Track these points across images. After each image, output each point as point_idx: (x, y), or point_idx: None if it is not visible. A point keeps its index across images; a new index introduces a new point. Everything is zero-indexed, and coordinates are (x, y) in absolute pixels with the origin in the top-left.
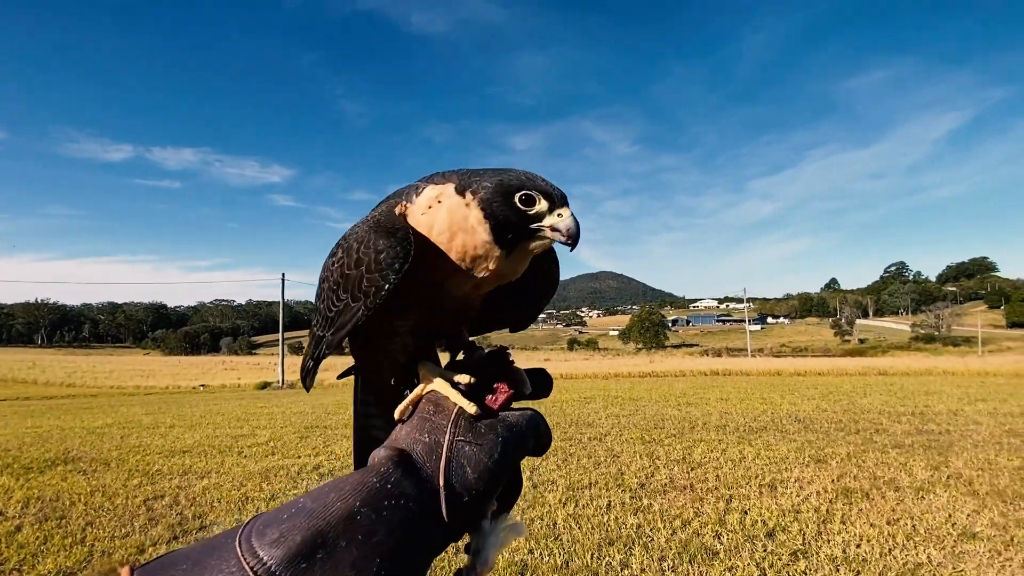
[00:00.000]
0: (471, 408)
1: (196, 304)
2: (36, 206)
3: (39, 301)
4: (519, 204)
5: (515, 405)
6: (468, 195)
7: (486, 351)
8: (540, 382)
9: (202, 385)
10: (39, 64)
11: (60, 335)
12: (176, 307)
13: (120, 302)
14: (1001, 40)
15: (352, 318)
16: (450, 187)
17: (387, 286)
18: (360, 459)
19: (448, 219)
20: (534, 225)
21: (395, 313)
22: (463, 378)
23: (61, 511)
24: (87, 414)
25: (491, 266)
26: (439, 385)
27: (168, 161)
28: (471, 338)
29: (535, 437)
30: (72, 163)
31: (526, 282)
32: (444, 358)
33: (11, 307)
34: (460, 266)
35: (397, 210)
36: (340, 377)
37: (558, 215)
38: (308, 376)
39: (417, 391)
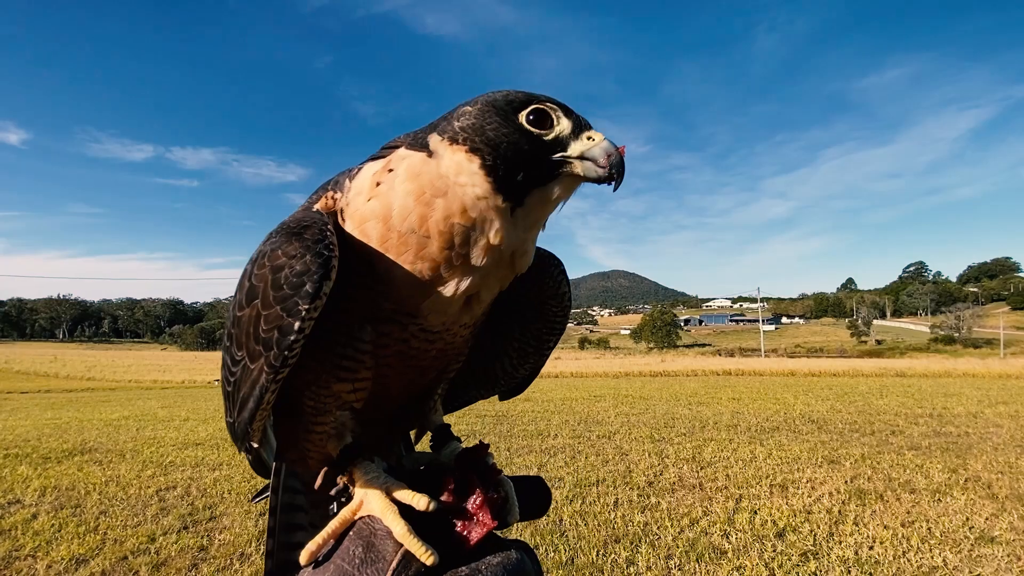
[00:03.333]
0: (426, 556)
1: (212, 300)
2: (59, 204)
3: (61, 297)
4: (527, 125)
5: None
6: (436, 139)
7: (459, 447)
8: (533, 498)
9: (217, 380)
10: (66, 66)
11: (81, 330)
12: (193, 303)
13: (139, 298)
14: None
15: (255, 389)
16: (400, 151)
17: (297, 324)
18: (279, 570)
19: (412, 188)
20: (556, 156)
21: (331, 370)
22: (420, 500)
23: (76, 500)
24: (105, 407)
25: (494, 238)
26: (380, 508)
27: (187, 160)
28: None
29: None
30: (95, 163)
31: (524, 313)
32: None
33: (34, 302)
34: (447, 261)
35: (319, 205)
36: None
37: (588, 138)
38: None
39: (342, 516)
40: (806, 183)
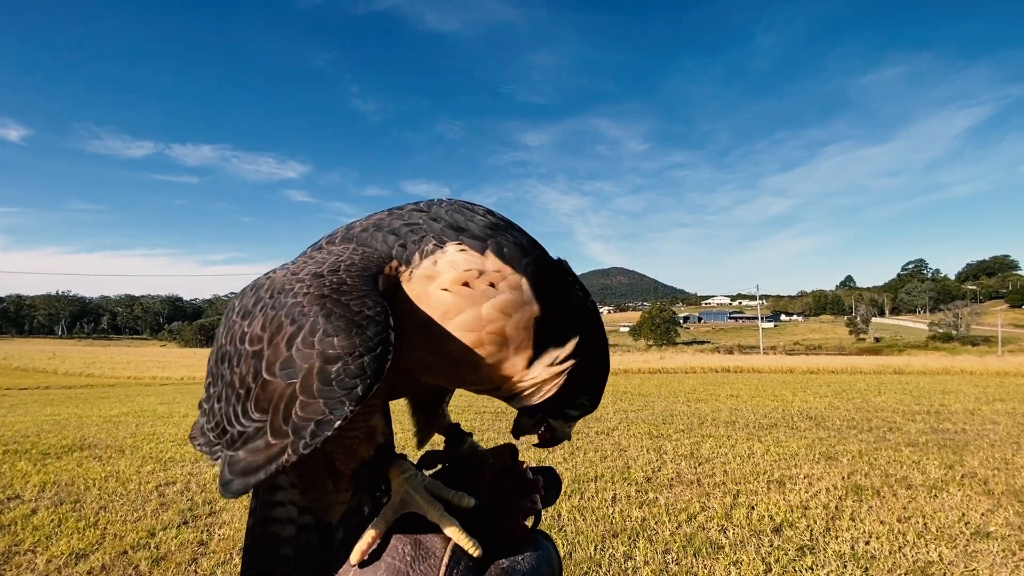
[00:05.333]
0: (474, 550)
1: (211, 297)
2: (59, 200)
3: (60, 293)
4: None
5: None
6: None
7: (474, 443)
8: (549, 488)
9: None
10: (65, 62)
11: (80, 327)
12: (192, 300)
13: (138, 295)
14: (1022, 34)
15: (271, 464)
16: (511, 274)
17: (338, 423)
18: (253, 567)
19: (488, 319)
20: None
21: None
22: (462, 498)
23: (76, 495)
24: (104, 403)
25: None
26: (425, 506)
27: (187, 157)
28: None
29: None
30: (95, 159)
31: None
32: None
33: (33, 299)
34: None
35: (382, 277)
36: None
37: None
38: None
39: (385, 514)
40: (806, 180)
